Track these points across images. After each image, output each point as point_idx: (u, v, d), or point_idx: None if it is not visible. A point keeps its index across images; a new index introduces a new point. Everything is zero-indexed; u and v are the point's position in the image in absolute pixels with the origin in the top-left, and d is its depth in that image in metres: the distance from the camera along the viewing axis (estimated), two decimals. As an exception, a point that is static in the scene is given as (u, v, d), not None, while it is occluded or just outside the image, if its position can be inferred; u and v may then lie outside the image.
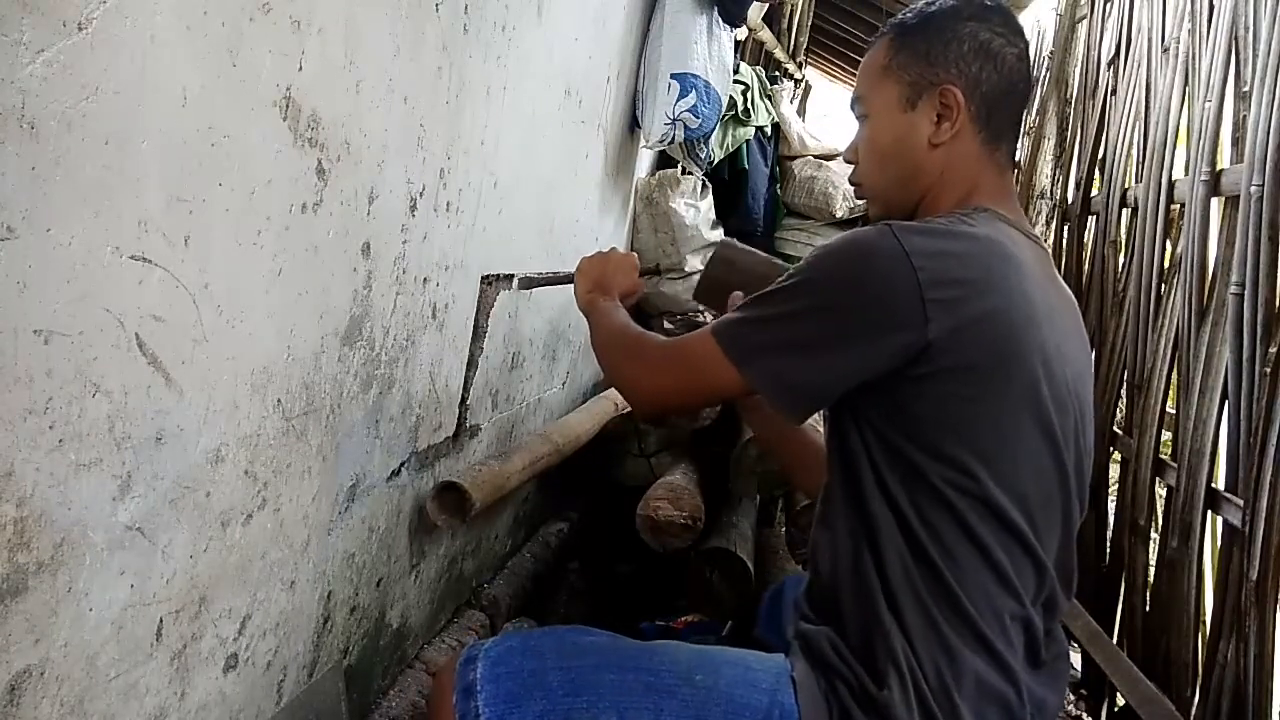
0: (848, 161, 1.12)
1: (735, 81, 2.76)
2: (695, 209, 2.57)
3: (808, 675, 0.88)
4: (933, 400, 0.89)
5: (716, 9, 2.27)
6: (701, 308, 2.56)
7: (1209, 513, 1.46)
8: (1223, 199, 1.55)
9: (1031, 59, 1.05)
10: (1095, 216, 2.15)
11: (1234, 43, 1.54)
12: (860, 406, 0.93)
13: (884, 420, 0.91)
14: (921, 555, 0.87)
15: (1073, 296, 1.02)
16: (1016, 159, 1.11)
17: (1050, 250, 2.48)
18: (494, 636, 1.02)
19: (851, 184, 1.15)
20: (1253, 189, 1.37)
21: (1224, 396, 1.42)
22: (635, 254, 1.37)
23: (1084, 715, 1.83)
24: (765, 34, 4.01)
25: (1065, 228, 2.40)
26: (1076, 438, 0.93)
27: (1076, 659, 1.90)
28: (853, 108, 1.11)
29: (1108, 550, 1.87)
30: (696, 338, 0.97)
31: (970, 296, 0.87)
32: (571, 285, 1.28)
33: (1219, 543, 1.48)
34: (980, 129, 1.01)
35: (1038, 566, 0.89)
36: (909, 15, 1.05)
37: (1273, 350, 1.30)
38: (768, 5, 3.67)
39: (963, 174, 1.02)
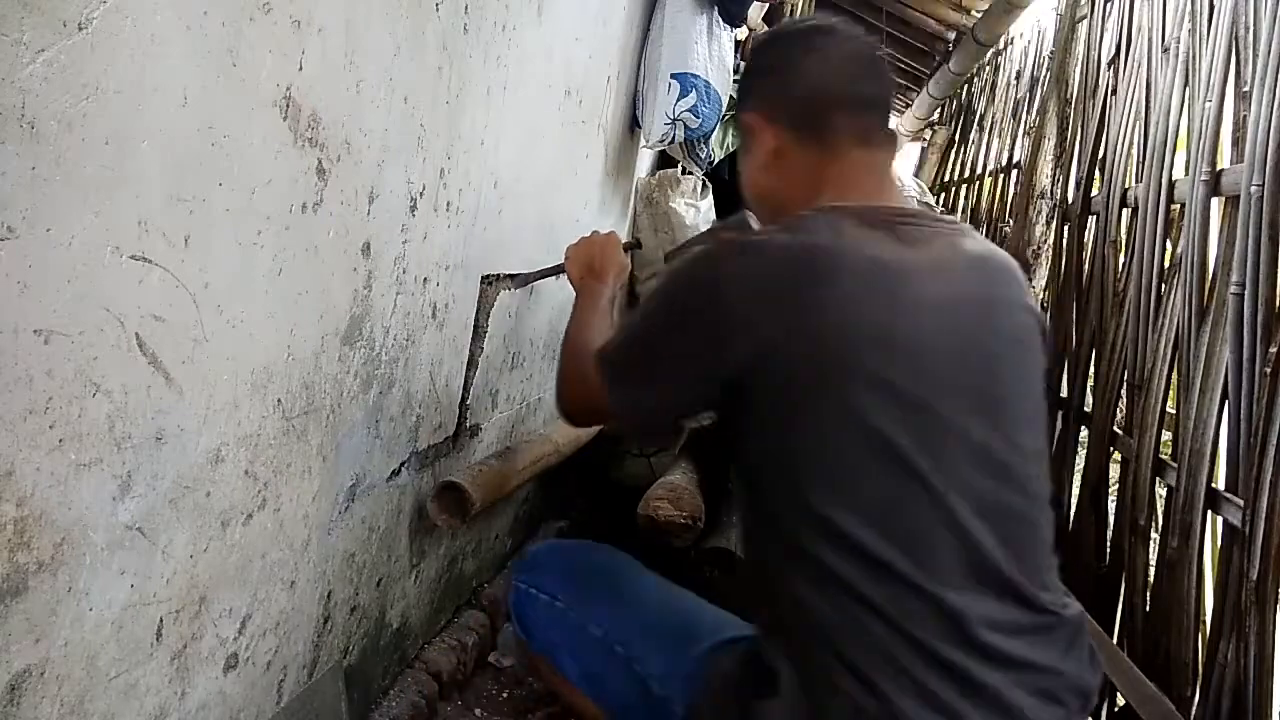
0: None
1: (735, 81, 2.76)
2: (695, 209, 2.57)
3: (720, 675, 0.93)
4: (748, 426, 0.87)
5: (717, 9, 2.26)
6: None
7: (1209, 513, 1.46)
8: (1223, 199, 1.55)
9: (840, 48, 1.02)
10: (1095, 216, 2.15)
11: (1234, 43, 1.54)
12: (726, 436, 0.94)
13: (733, 450, 0.92)
14: (785, 580, 0.84)
15: (987, 258, 0.94)
16: (900, 138, 1.14)
17: (1038, 250, 2.50)
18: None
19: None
20: (1253, 189, 1.37)
21: (1224, 396, 1.42)
22: (614, 231, 1.44)
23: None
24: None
25: (1065, 228, 2.40)
26: (971, 437, 0.83)
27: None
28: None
29: (1108, 550, 1.87)
30: (595, 357, 0.99)
31: (770, 313, 0.83)
32: (564, 275, 1.35)
33: (1219, 543, 1.48)
34: (803, 134, 1.00)
35: (913, 588, 0.80)
36: (742, 70, 1.14)
37: (1273, 350, 1.30)
38: (768, 5, 3.67)
39: (803, 180, 0.99)
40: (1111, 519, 1.88)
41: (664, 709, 0.96)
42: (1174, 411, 1.65)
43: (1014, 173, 3.07)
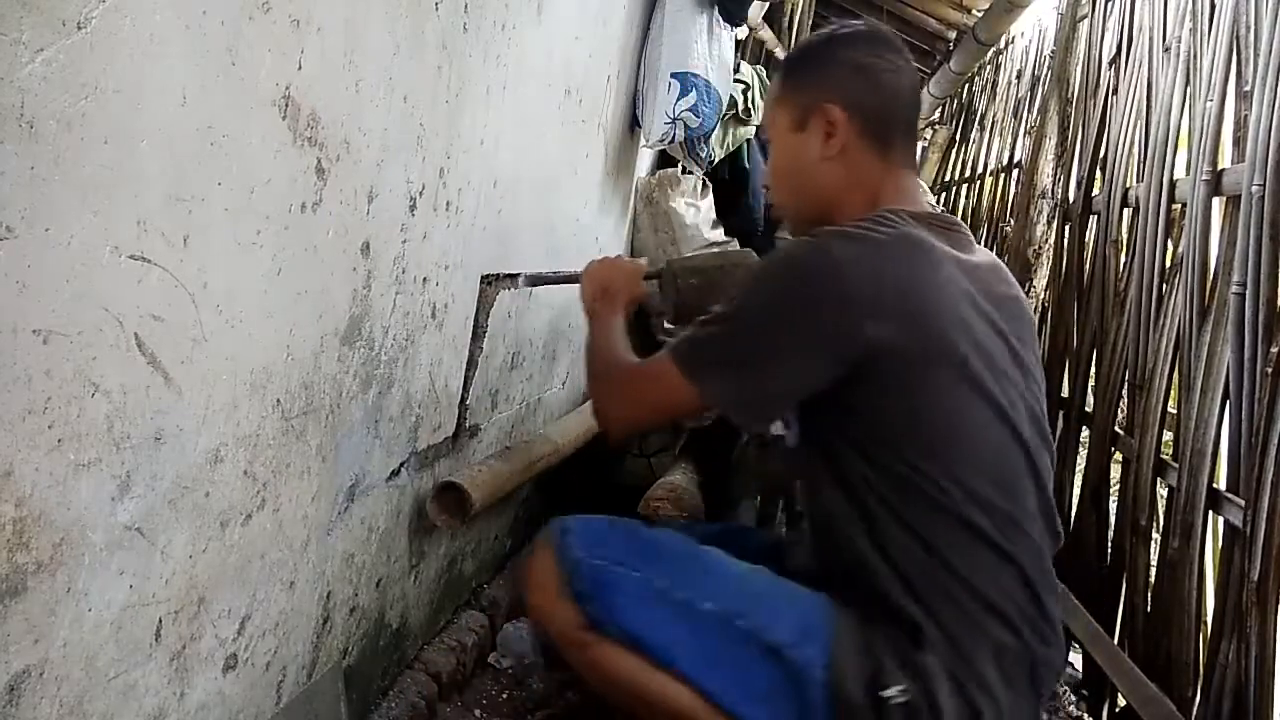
0: (765, 189, 1.27)
1: (736, 81, 2.75)
2: (695, 208, 2.56)
3: (848, 629, 0.96)
4: (875, 396, 0.96)
5: (717, 8, 2.26)
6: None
7: (1210, 513, 1.46)
8: (1224, 199, 1.55)
9: (911, 69, 1.13)
10: (1097, 216, 2.15)
11: (1235, 42, 1.53)
12: (818, 408, 1.00)
13: (843, 420, 0.99)
14: (916, 541, 0.94)
15: (993, 259, 1.11)
16: (919, 160, 1.25)
17: (1039, 250, 2.49)
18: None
19: (770, 206, 1.25)
20: (1254, 189, 1.37)
21: (1225, 396, 1.42)
22: (642, 261, 1.48)
23: (1085, 715, 1.82)
24: (766, 33, 4.00)
25: (1067, 227, 2.39)
26: (1025, 400, 1.00)
27: (1077, 659, 1.90)
28: (757, 138, 1.23)
29: (1109, 550, 1.86)
30: (658, 360, 1.05)
31: (895, 295, 0.94)
32: (577, 286, 1.36)
33: (1220, 543, 1.48)
34: (869, 139, 1.10)
35: (1016, 526, 0.96)
36: (797, 48, 1.21)
37: (1274, 350, 1.30)
38: (768, 4, 3.67)
39: (861, 181, 1.11)
40: (1112, 519, 1.87)
41: (803, 673, 0.92)
42: (1175, 411, 1.65)
43: (1015, 172, 3.06)
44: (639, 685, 0.98)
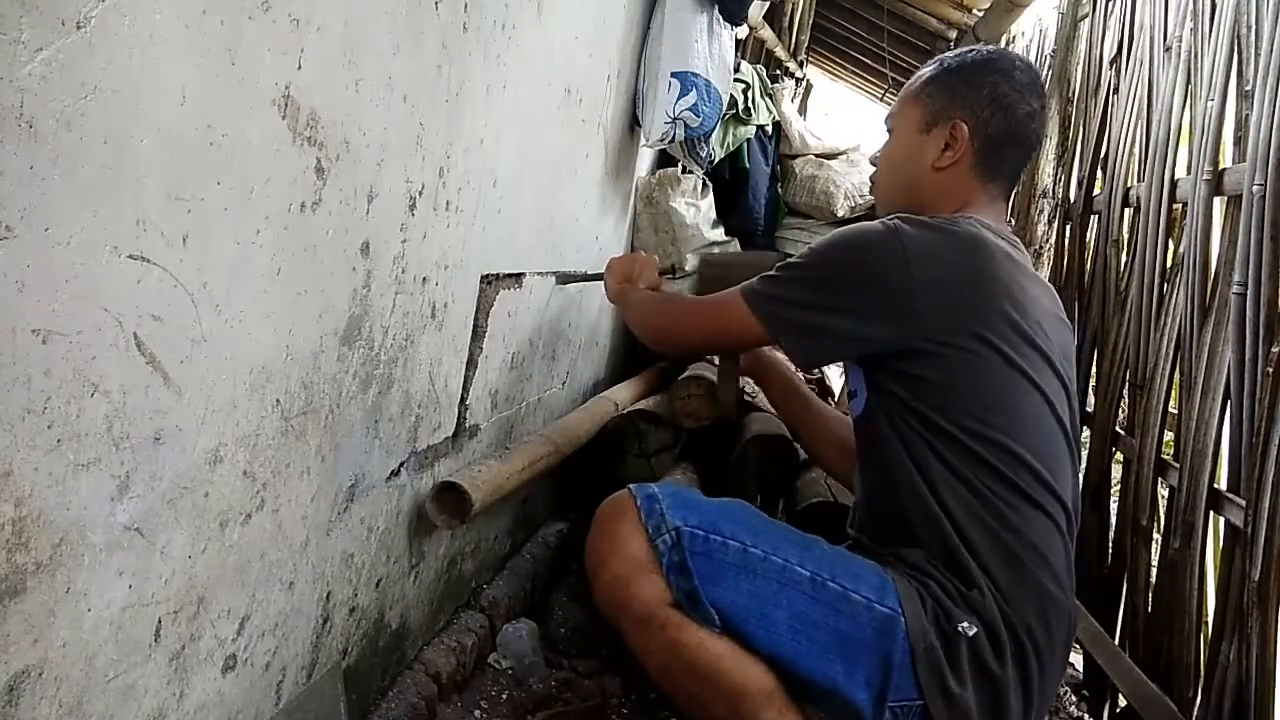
0: (871, 163, 1.37)
1: (736, 80, 2.75)
2: (696, 208, 2.56)
3: (905, 582, 1.03)
4: (936, 369, 1.06)
5: (717, 7, 2.26)
6: None
7: (1211, 513, 1.46)
8: (1225, 198, 1.55)
9: (1045, 119, 1.25)
10: (1097, 216, 2.15)
11: (1236, 41, 1.53)
12: (884, 379, 1.11)
13: (906, 390, 1.08)
14: (971, 497, 1.03)
15: (1051, 288, 1.22)
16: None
17: (1040, 249, 2.49)
18: None
19: (871, 182, 1.42)
20: (1255, 188, 1.37)
21: (1226, 396, 1.42)
22: (656, 256, 1.72)
23: (1085, 716, 1.82)
24: (766, 32, 4.00)
25: (1067, 227, 2.39)
26: (1067, 398, 1.11)
27: (1078, 660, 1.90)
28: (885, 121, 1.33)
29: (1109, 551, 1.86)
30: (728, 294, 1.21)
31: (953, 280, 1.06)
32: (601, 282, 1.57)
33: (1221, 543, 1.47)
34: (980, 164, 1.20)
35: (1058, 499, 1.06)
36: (952, 55, 1.27)
37: (1275, 350, 1.30)
38: (769, 3, 3.67)
39: (956, 196, 1.21)
40: (1113, 519, 1.87)
41: (890, 622, 0.99)
42: (1176, 411, 1.65)
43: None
44: (718, 669, 0.97)
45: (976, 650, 0.99)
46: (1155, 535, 1.72)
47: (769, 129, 3.04)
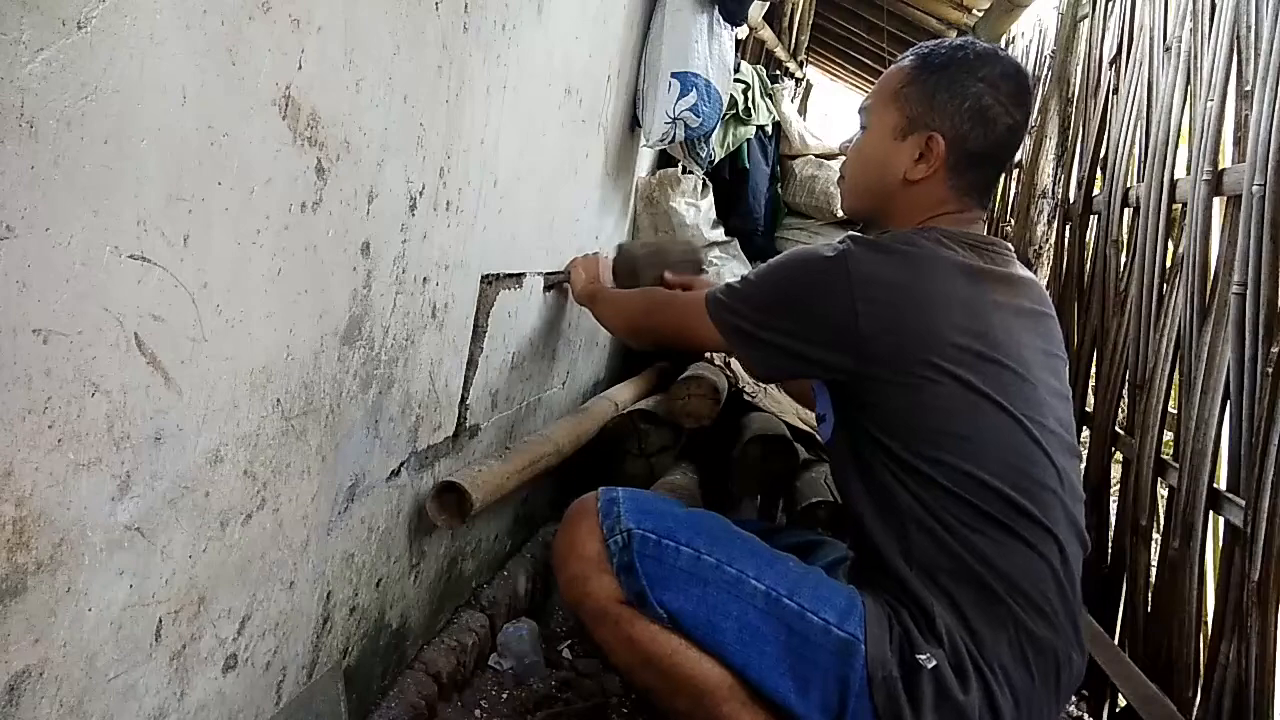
0: (841, 152, 1.35)
1: (736, 80, 2.75)
2: (696, 208, 2.56)
3: (878, 609, 1.01)
4: (894, 398, 1.02)
5: (717, 7, 2.26)
6: None
7: (1211, 513, 1.46)
8: (1225, 198, 1.55)
9: (1026, 130, 1.20)
10: (1097, 216, 2.15)
11: (1236, 42, 1.53)
12: (848, 405, 1.09)
13: (867, 418, 1.05)
14: (935, 526, 0.99)
15: (1033, 281, 1.16)
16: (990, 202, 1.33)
17: (1040, 249, 2.49)
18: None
19: (839, 174, 1.34)
20: (1255, 188, 1.37)
21: (1226, 396, 1.42)
22: (601, 253, 1.72)
23: (1085, 715, 1.82)
24: (766, 32, 4.00)
25: (1067, 227, 2.39)
26: (1051, 407, 1.05)
27: (1077, 659, 1.90)
28: (859, 113, 1.26)
29: (1109, 551, 1.86)
30: (691, 296, 1.25)
31: (901, 305, 1.01)
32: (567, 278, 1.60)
33: (1221, 543, 1.47)
34: (953, 178, 1.15)
35: (1039, 525, 1.00)
36: (938, 51, 1.18)
37: (1275, 350, 1.30)
38: (769, 4, 3.67)
39: (925, 207, 1.16)
40: (1113, 519, 1.87)
41: (850, 648, 0.97)
42: (1175, 411, 1.65)
43: (1015, 172, 3.06)
44: (671, 663, 1.01)
45: (941, 681, 0.96)
46: (1155, 535, 1.72)
47: (769, 129, 3.04)
